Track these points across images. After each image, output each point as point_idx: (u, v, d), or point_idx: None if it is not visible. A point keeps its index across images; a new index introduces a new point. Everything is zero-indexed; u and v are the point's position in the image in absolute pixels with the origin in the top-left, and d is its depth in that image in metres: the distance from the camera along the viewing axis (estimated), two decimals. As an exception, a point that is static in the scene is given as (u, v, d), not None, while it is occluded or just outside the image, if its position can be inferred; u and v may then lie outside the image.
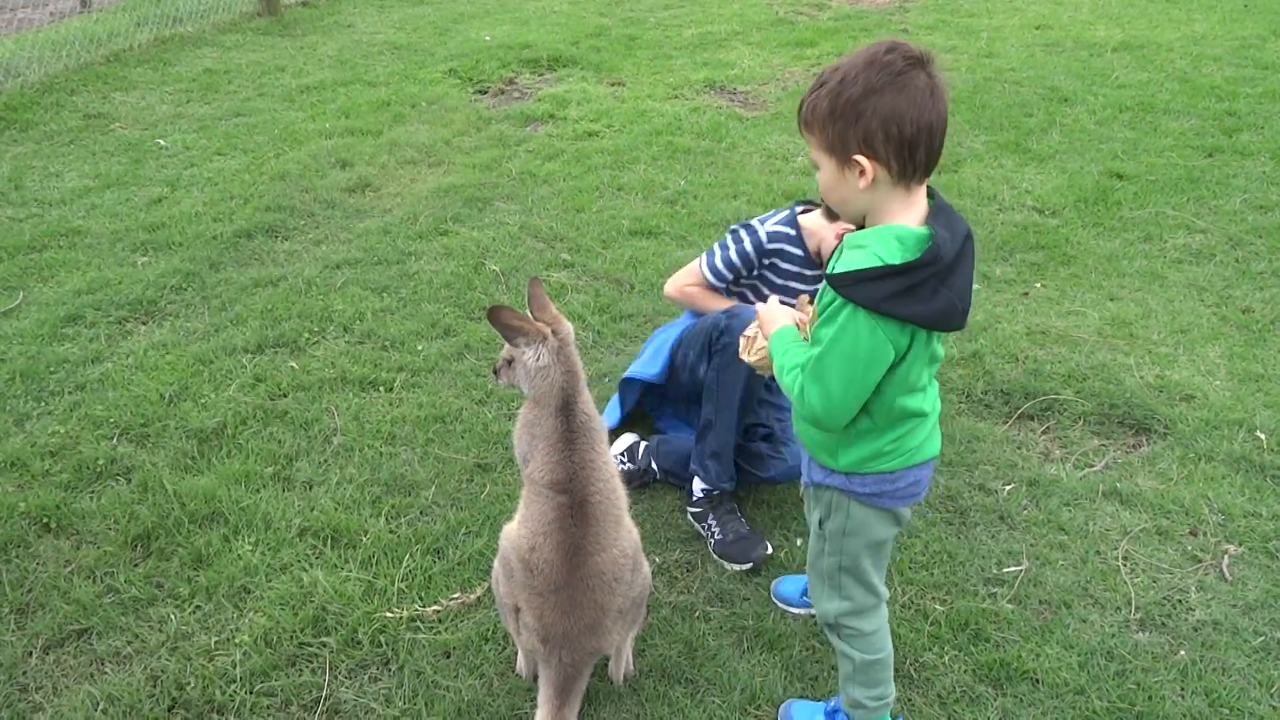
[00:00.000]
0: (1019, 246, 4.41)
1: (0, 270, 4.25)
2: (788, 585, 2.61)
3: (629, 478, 3.00)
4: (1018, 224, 4.60)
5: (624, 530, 2.17)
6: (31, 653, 2.44)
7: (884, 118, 1.65)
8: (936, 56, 1.71)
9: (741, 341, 2.24)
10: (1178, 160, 5.22)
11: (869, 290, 1.67)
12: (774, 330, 1.99)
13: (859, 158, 1.69)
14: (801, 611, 2.55)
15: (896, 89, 1.65)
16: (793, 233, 2.83)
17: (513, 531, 2.19)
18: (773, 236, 2.84)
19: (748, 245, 2.86)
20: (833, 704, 2.20)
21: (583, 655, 2.10)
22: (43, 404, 3.38)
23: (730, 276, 2.92)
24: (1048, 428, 3.27)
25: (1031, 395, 3.38)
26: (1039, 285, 4.12)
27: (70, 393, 3.43)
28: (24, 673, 2.39)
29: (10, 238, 4.52)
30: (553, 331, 2.23)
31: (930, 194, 1.79)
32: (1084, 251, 4.36)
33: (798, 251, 2.84)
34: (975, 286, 4.10)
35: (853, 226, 1.89)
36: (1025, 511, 2.90)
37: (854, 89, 1.67)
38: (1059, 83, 6.41)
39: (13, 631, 2.50)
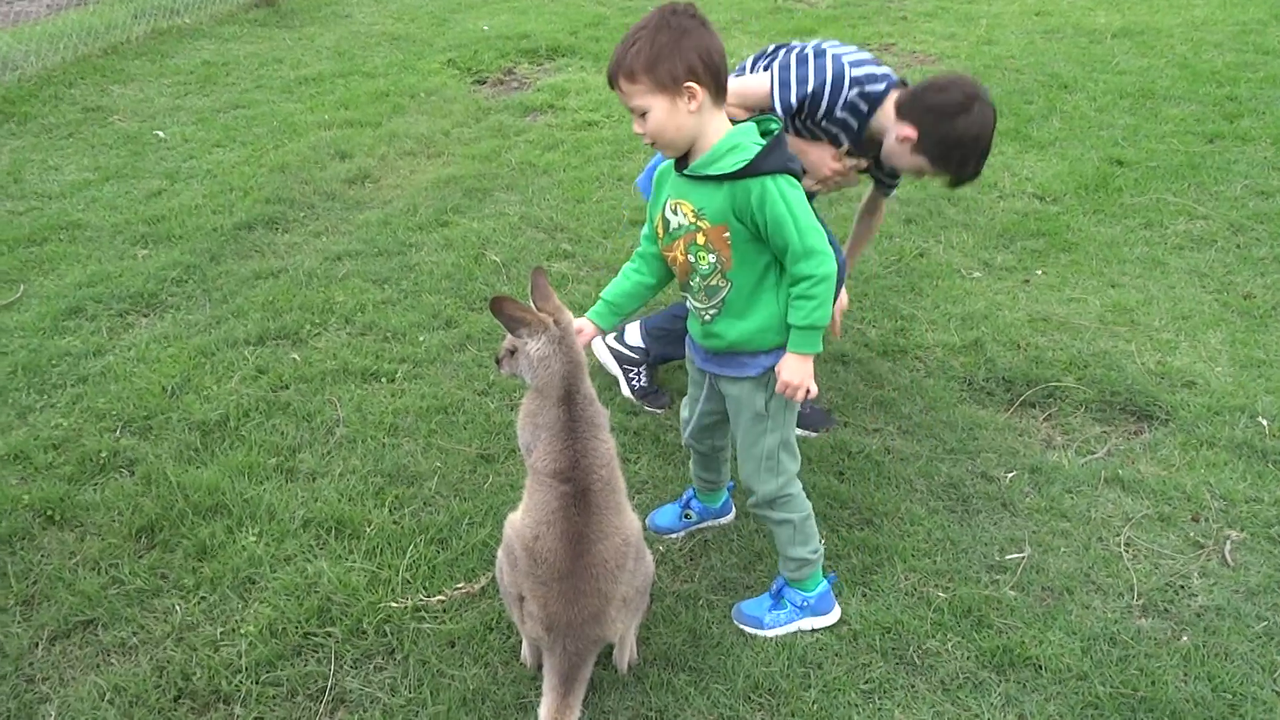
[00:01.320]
0: (1019, 234, 4.40)
1: (1, 263, 4.25)
2: (663, 516, 2.83)
3: (635, 363, 3.36)
4: (1018, 211, 4.59)
5: (626, 518, 2.18)
6: (38, 644, 2.45)
7: (698, 50, 2.07)
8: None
9: None
10: (1178, 146, 5.21)
11: (773, 160, 2.08)
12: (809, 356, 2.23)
13: (690, 84, 2.07)
14: (679, 535, 2.80)
15: (698, 27, 2.08)
16: (864, 108, 2.84)
17: (517, 520, 2.19)
18: (859, 80, 2.80)
19: (829, 73, 2.78)
20: (775, 586, 2.49)
21: (586, 644, 2.11)
22: (45, 397, 3.38)
23: (795, 109, 2.82)
24: (1049, 415, 3.27)
25: (1033, 383, 3.38)
26: (1040, 272, 4.12)
27: (72, 385, 3.43)
28: (30, 664, 2.40)
29: (10, 231, 4.51)
30: (555, 321, 2.23)
31: None
32: (1085, 238, 4.36)
33: (855, 126, 2.87)
34: (976, 274, 4.10)
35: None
36: (1027, 498, 2.90)
37: (669, 34, 2.06)
38: (1059, 69, 6.40)
39: (19, 623, 2.51)
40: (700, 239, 2.19)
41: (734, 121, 2.18)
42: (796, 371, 2.20)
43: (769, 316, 2.22)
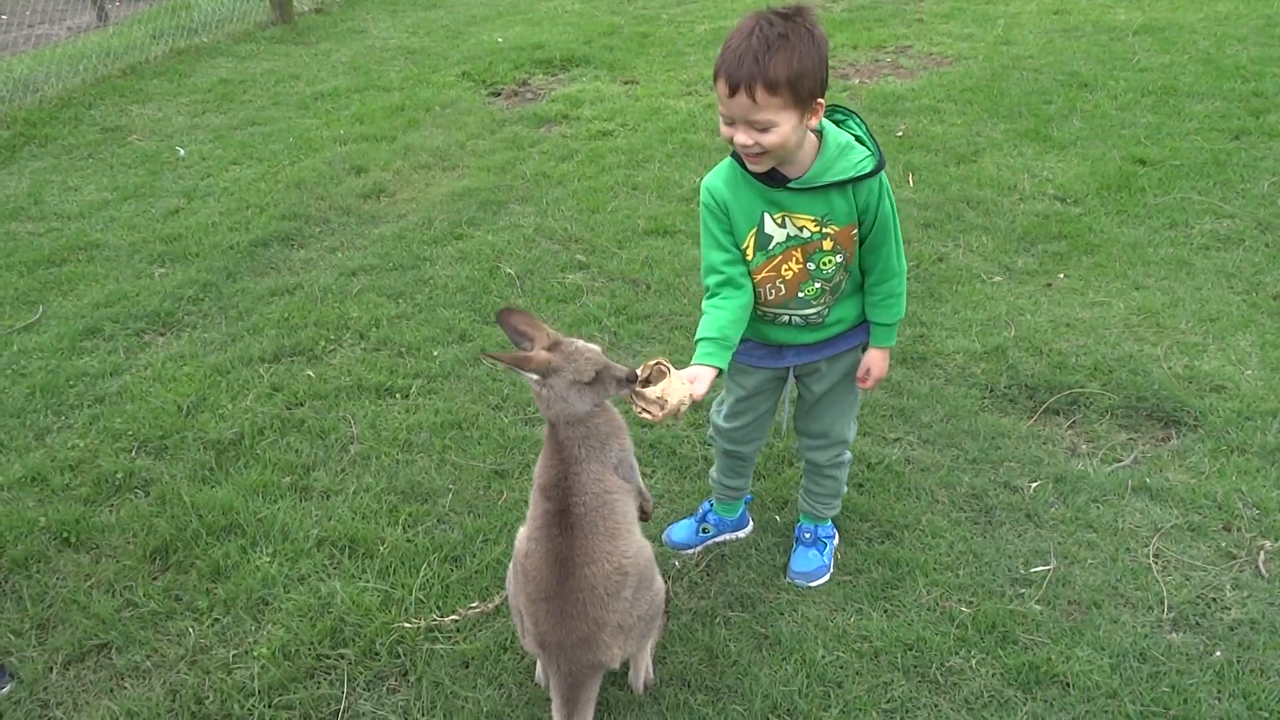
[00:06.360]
0: (1041, 236, 4.33)
1: (20, 285, 4.28)
2: (679, 531, 2.79)
3: None
4: (1039, 213, 4.52)
5: (625, 544, 2.09)
6: (53, 668, 2.44)
7: (824, 61, 1.99)
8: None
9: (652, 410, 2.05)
10: (1203, 144, 5.11)
11: (883, 155, 2.14)
12: None
13: (820, 100, 2.02)
14: (697, 550, 2.76)
15: (824, 37, 1.99)
16: None
17: (521, 534, 2.17)
18: None
19: None
20: (809, 535, 2.66)
21: (581, 667, 2.07)
22: (62, 418, 3.39)
23: None
24: (1074, 422, 3.20)
25: (1056, 389, 3.31)
26: (1062, 276, 4.04)
27: (89, 406, 3.44)
28: (45, 689, 2.39)
29: (30, 252, 4.55)
30: (560, 351, 2.06)
31: None
32: (1108, 240, 4.27)
33: None
34: (996, 279, 4.03)
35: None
36: (1052, 509, 2.83)
37: (808, 45, 1.95)
38: (1079, 68, 6.30)
39: (34, 647, 2.50)
40: (827, 244, 2.18)
41: None
42: (885, 364, 2.38)
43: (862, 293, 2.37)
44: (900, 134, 5.46)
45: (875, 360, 2.37)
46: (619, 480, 2.12)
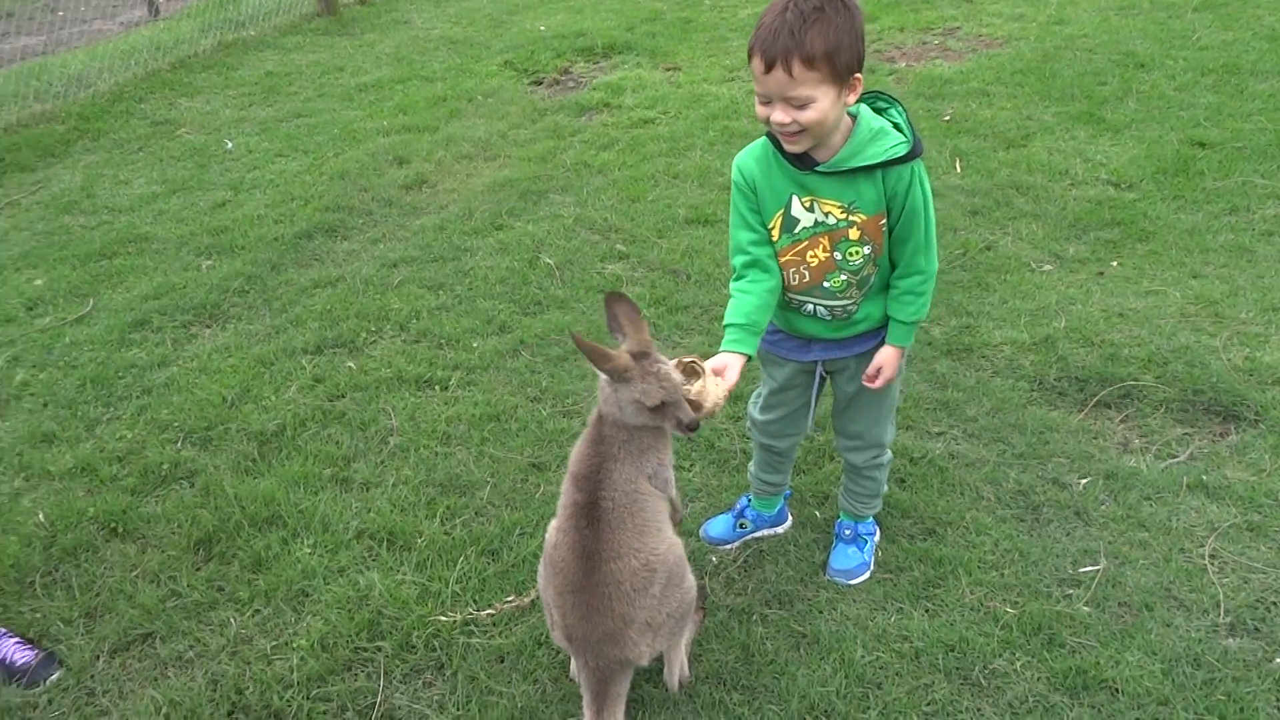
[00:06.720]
0: (1093, 223, 4.19)
1: (73, 277, 4.37)
2: (717, 526, 2.75)
3: None
4: (1091, 199, 4.38)
5: (653, 541, 2.07)
6: (99, 657, 2.49)
7: (860, 35, 1.94)
8: None
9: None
10: (1267, 125, 4.91)
11: (921, 143, 2.07)
12: None
13: (858, 75, 1.96)
14: (734, 545, 2.73)
15: (856, 10, 1.93)
16: None
17: (551, 525, 2.17)
18: None
19: None
20: (850, 533, 2.61)
21: (608, 663, 2.05)
22: (111, 409, 3.46)
23: None
24: (1126, 416, 3.10)
25: (1108, 381, 3.20)
26: (1115, 264, 3.91)
27: (137, 397, 3.51)
28: (92, 676, 2.44)
29: (82, 245, 4.65)
30: (645, 358, 2.04)
31: None
32: (1164, 226, 4.13)
33: None
34: (1047, 267, 3.92)
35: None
36: (1103, 506, 2.75)
37: (844, 16, 1.90)
38: (1135, 47, 6.10)
39: (82, 635, 2.56)
40: (854, 234, 2.12)
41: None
42: (896, 365, 2.29)
43: None
44: (947, 118, 5.33)
45: (887, 359, 2.27)
46: (652, 486, 2.10)
